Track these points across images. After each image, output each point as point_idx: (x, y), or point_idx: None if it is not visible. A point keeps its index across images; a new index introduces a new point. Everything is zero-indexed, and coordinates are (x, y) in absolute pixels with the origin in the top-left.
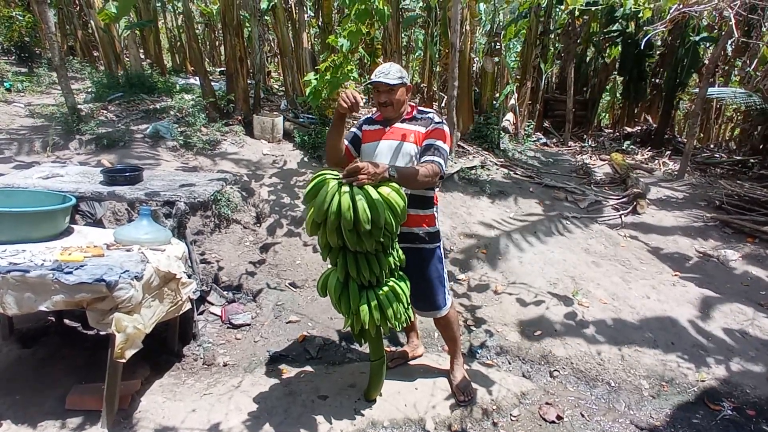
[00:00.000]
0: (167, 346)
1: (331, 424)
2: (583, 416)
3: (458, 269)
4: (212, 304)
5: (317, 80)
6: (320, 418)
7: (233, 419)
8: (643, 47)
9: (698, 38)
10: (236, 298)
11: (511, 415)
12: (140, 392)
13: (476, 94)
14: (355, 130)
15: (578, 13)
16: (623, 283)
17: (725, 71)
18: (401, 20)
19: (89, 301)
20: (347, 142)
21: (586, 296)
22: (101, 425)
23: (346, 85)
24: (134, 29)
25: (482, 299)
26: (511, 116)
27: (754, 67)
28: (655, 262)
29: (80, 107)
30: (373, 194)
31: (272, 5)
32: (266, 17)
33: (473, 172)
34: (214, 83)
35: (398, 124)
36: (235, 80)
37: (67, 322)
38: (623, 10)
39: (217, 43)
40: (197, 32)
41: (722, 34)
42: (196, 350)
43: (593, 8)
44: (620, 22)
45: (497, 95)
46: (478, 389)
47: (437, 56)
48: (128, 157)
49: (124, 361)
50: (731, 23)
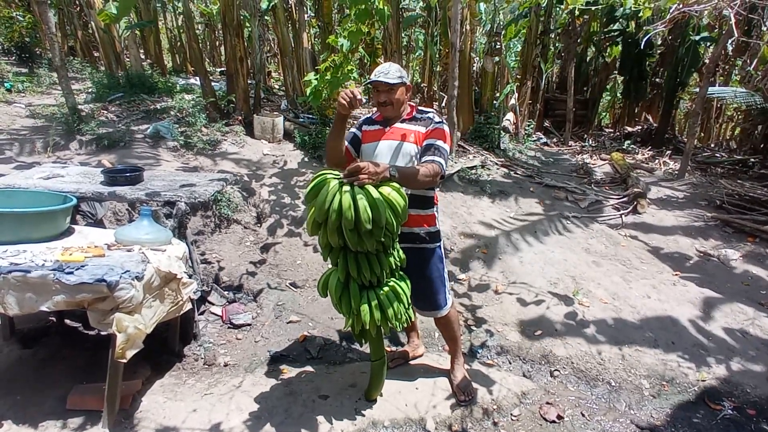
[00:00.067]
0: (168, 346)
1: (331, 424)
2: (583, 416)
3: (459, 269)
4: (213, 304)
5: (317, 80)
6: (321, 418)
7: (234, 419)
8: (643, 47)
9: (698, 38)
10: (237, 298)
11: (511, 414)
12: (141, 392)
13: (476, 93)
14: (354, 130)
15: (578, 12)
16: (624, 282)
17: (726, 71)
18: (401, 20)
19: (90, 301)
20: (347, 142)
21: (586, 296)
22: (102, 425)
23: (346, 84)
24: (134, 29)
25: (483, 299)
26: (511, 116)
27: (754, 66)
28: (655, 261)
29: (81, 107)
30: (374, 194)
31: (272, 5)
32: (266, 17)
33: (473, 171)
34: (214, 83)
35: (398, 124)
36: (235, 80)
37: (68, 322)
38: (623, 9)
39: (217, 43)
40: (197, 32)
41: (722, 33)
42: (196, 350)
43: (593, 8)
44: (620, 21)
45: (497, 95)
46: (478, 389)
47: (437, 56)
48: (129, 157)
49: (125, 361)
50: (731, 22)
